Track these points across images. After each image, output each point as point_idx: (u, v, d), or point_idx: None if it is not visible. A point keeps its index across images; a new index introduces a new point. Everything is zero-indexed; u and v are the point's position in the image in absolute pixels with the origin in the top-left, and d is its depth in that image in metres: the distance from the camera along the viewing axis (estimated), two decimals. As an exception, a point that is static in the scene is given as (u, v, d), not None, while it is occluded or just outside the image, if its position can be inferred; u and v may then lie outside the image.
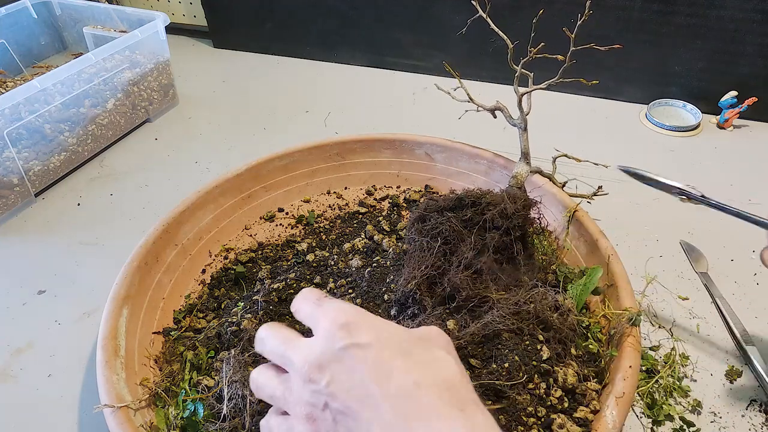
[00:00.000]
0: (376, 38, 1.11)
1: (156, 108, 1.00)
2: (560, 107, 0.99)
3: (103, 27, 1.03)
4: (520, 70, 0.59)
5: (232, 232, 0.72)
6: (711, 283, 0.66)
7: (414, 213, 0.56)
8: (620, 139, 0.92)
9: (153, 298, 0.59)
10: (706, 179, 0.81)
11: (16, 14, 1.05)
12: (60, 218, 0.80)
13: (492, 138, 0.79)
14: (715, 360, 0.58)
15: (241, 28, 1.19)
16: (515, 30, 0.62)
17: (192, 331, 0.58)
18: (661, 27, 0.90)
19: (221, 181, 0.70)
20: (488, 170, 0.73)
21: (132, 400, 0.47)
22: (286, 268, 0.65)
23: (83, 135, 0.88)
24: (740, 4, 0.84)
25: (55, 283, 0.69)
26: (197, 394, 0.49)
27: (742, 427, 0.52)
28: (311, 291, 0.37)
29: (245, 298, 0.60)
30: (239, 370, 0.48)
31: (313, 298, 0.36)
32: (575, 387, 0.47)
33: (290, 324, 0.56)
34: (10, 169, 0.78)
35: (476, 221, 0.53)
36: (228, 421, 0.45)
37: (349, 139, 0.77)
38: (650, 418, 0.52)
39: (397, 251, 0.62)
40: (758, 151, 0.88)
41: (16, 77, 1.05)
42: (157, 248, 0.62)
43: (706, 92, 0.94)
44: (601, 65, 0.96)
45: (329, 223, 0.73)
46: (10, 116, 0.77)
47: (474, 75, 1.06)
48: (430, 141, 0.76)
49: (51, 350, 0.62)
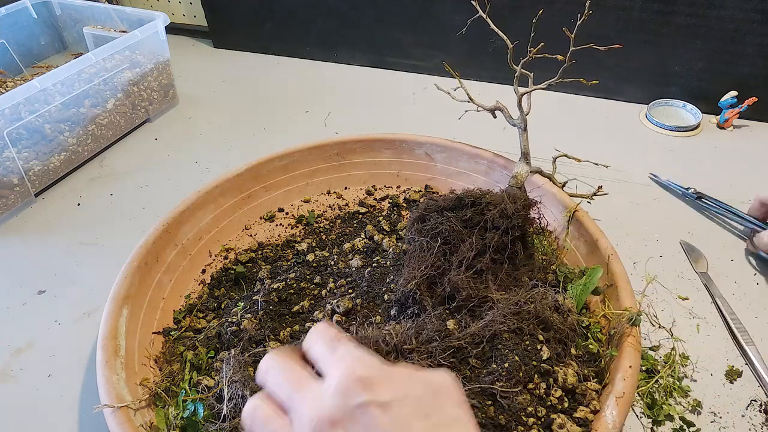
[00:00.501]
0: (376, 38, 1.11)
1: (156, 108, 1.00)
2: (560, 107, 0.99)
3: (103, 27, 1.03)
4: (520, 70, 0.59)
5: (232, 232, 0.72)
6: (711, 283, 0.66)
7: (414, 213, 0.56)
8: (620, 139, 0.92)
9: (153, 298, 0.59)
10: (706, 179, 0.81)
11: (16, 14, 1.05)
12: (60, 218, 0.80)
13: (492, 138, 0.79)
14: (715, 360, 0.58)
15: (241, 28, 1.19)
16: (515, 30, 0.62)
17: (192, 331, 0.58)
18: (661, 27, 0.90)
19: (221, 181, 0.70)
20: (488, 170, 0.73)
21: (132, 400, 0.47)
22: (286, 268, 0.65)
23: (83, 135, 0.88)
24: (740, 4, 0.84)
25: (55, 283, 0.69)
26: (197, 394, 0.49)
27: (742, 427, 0.52)
28: (327, 329, 0.34)
29: (245, 298, 0.60)
30: (239, 370, 0.48)
31: (328, 339, 0.33)
32: (575, 387, 0.47)
33: (290, 324, 0.56)
34: (10, 169, 0.78)
35: (476, 221, 0.53)
36: (228, 421, 0.45)
37: (349, 139, 0.77)
38: (650, 418, 0.52)
39: (397, 251, 0.62)
40: (758, 151, 0.88)
41: (16, 77, 1.05)
42: (157, 248, 0.62)
43: (706, 92, 0.94)
44: (601, 65, 0.96)
45: (329, 223, 0.73)
46: (10, 116, 0.77)
47: (474, 75, 1.06)
48: (430, 141, 0.76)
49: (51, 350, 0.62)
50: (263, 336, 0.54)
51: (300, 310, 0.58)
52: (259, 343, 0.54)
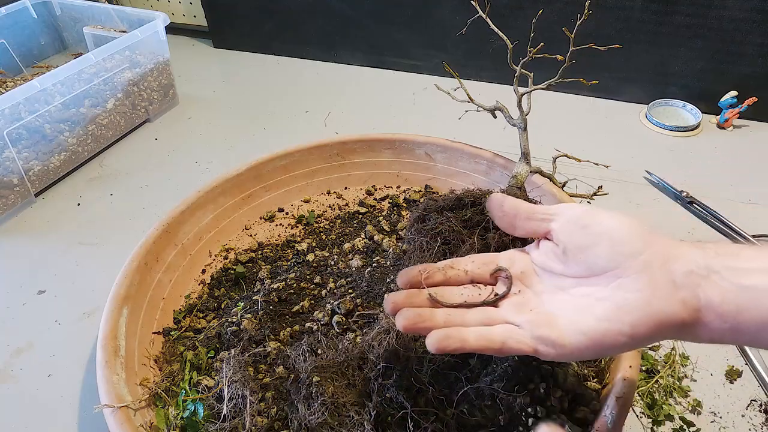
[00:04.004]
0: (376, 38, 1.11)
1: (156, 108, 1.00)
2: (560, 107, 0.99)
3: (103, 27, 1.03)
4: (520, 70, 0.59)
5: (232, 232, 0.72)
6: (711, 283, 0.66)
7: (414, 213, 0.56)
8: (620, 139, 0.92)
9: (153, 298, 0.59)
10: (706, 179, 0.81)
11: (16, 14, 1.05)
12: (60, 218, 0.80)
13: (492, 138, 0.79)
14: (715, 360, 0.58)
15: (241, 28, 1.19)
16: (515, 30, 0.62)
17: (192, 331, 0.58)
18: (661, 27, 0.90)
19: (221, 181, 0.70)
20: (488, 170, 0.73)
21: (132, 400, 0.47)
22: (286, 268, 0.65)
23: (83, 135, 0.88)
24: (740, 4, 0.84)
25: (55, 283, 0.69)
26: (197, 394, 0.49)
27: (742, 427, 0.52)
28: None
29: (245, 298, 0.60)
30: (239, 370, 0.48)
31: None
32: (575, 387, 0.47)
33: (290, 324, 0.56)
34: (10, 169, 0.78)
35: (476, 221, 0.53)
36: (228, 421, 0.45)
37: (349, 139, 0.77)
38: (650, 418, 0.52)
39: (397, 251, 0.62)
40: (758, 151, 0.88)
41: (16, 77, 1.05)
42: (157, 248, 0.62)
43: (706, 92, 0.94)
44: (601, 65, 0.96)
45: (329, 223, 0.73)
46: (10, 116, 0.77)
47: (474, 75, 1.06)
48: (430, 141, 0.76)
49: (51, 350, 0.62)
50: (263, 336, 0.54)
51: (300, 310, 0.58)
52: (259, 343, 0.54)
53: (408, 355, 0.45)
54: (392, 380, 0.44)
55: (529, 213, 0.40)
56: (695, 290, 0.32)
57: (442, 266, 0.41)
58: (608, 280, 0.35)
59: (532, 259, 0.41)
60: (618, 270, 0.34)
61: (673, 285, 0.33)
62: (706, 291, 0.32)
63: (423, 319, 0.37)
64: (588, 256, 0.36)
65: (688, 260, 0.33)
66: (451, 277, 0.41)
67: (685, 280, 0.33)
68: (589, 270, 0.36)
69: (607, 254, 0.35)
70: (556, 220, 0.39)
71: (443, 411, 0.43)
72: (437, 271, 0.40)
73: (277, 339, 0.55)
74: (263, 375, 0.50)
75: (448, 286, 0.40)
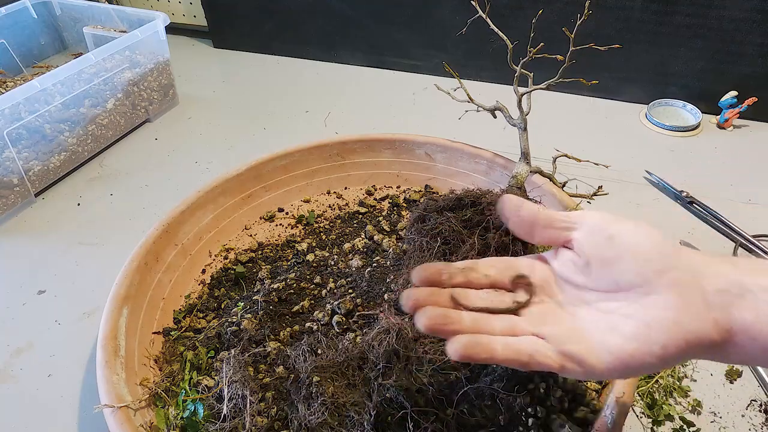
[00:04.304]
0: (376, 38, 1.11)
1: (156, 108, 1.00)
2: (560, 107, 0.99)
3: (103, 27, 1.03)
4: (520, 70, 0.59)
5: (232, 232, 0.72)
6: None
7: (414, 213, 0.56)
8: (620, 139, 0.92)
9: (153, 298, 0.59)
10: (706, 179, 0.81)
11: (16, 14, 1.05)
12: (60, 218, 0.80)
13: (492, 138, 0.79)
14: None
15: (241, 28, 1.19)
16: (515, 30, 0.62)
17: (192, 331, 0.58)
18: (661, 27, 0.90)
19: (221, 181, 0.70)
20: (488, 170, 0.73)
21: (132, 400, 0.47)
22: (286, 268, 0.65)
23: (83, 135, 0.88)
24: (740, 4, 0.84)
25: (55, 283, 0.69)
26: (197, 394, 0.49)
27: (742, 427, 0.52)
28: None
29: (245, 298, 0.60)
30: (239, 370, 0.48)
31: None
32: (575, 387, 0.47)
33: (290, 324, 0.56)
34: (10, 169, 0.78)
35: (476, 221, 0.53)
36: (228, 421, 0.45)
37: (349, 139, 0.77)
38: (650, 418, 0.52)
39: (397, 251, 0.62)
40: (758, 151, 0.88)
41: (16, 77, 1.05)
42: (157, 248, 0.62)
43: (706, 92, 0.94)
44: (601, 65, 0.96)
45: (329, 223, 0.73)
46: (10, 116, 0.77)
47: (474, 75, 1.06)
48: (430, 141, 0.76)
49: (51, 350, 0.62)
50: (263, 336, 0.54)
51: (300, 310, 0.58)
52: (259, 343, 0.54)
53: (408, 355, 0.45)
54: (392, 380, 0.44)
55: (548, 221, 0.38)
56: (728, 309, 0.31)
57: (462, 267, 0.38)
58: (636, 296, 0.33)
59: (552, 269, 0.38)
60: (646, 287, 0.33)
61: (705, 303, 0.31)
62: (741, 311, 0.31)
63: (449, 321, 0.34)
64: (613, 270, 0.34)
65: (720, 277, 0.32)
66: (472, 280, 0.38)
67: (718, 299, 0.31)
68: (614, 284, 0.34)
69: (634, 270, 0.33)
70: (577, 230, 0.37)
71: (443, 411, 0.43)
72: (458, 272, 0.38)
73: (277, 339, 0.55)
74: (263, 375, 0.50)
75: (469, 289, 0.38)
